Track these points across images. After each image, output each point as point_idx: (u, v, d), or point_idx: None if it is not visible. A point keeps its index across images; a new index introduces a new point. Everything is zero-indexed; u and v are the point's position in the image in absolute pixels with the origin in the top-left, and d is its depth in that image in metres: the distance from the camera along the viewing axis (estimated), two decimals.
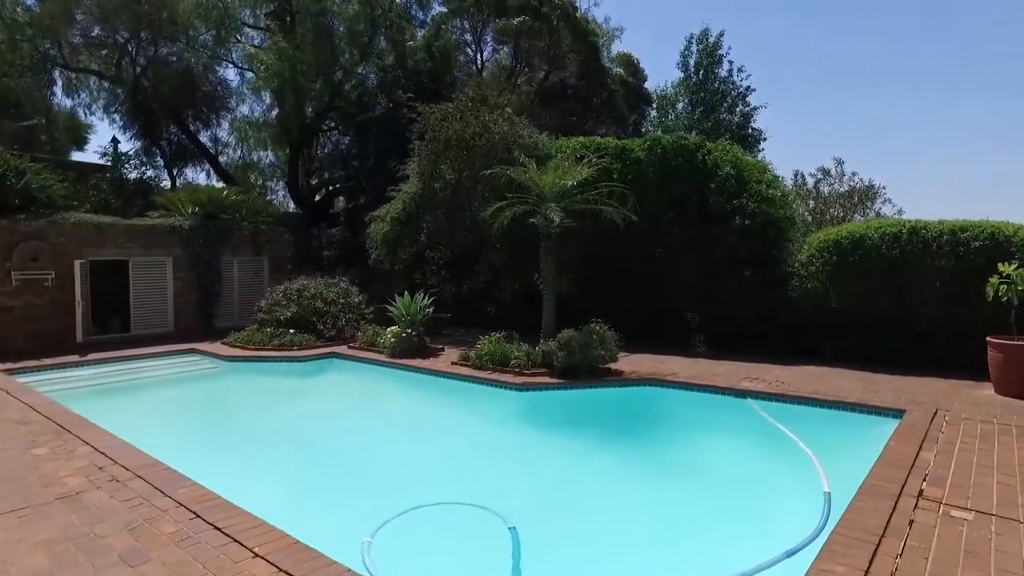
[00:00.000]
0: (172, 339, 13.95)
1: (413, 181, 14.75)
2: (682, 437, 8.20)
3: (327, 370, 12.26)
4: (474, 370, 10.83)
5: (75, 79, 21.49)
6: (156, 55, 20.35)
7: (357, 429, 8.75)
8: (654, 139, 12.62)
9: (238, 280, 15.68)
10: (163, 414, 9.71)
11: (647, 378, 10.13)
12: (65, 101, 22.86)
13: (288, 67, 17.27)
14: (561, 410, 9.55)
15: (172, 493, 5.27)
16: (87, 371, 11.28)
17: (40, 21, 18.68)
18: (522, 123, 13.86)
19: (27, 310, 12.24)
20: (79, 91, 22.60)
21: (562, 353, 10.20)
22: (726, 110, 24.16)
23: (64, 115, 23.71)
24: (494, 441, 8.26)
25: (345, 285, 14.84)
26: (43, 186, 12.68)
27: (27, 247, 12.15)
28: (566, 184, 10.51)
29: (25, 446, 6.66)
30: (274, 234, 16.62)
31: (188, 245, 14.62)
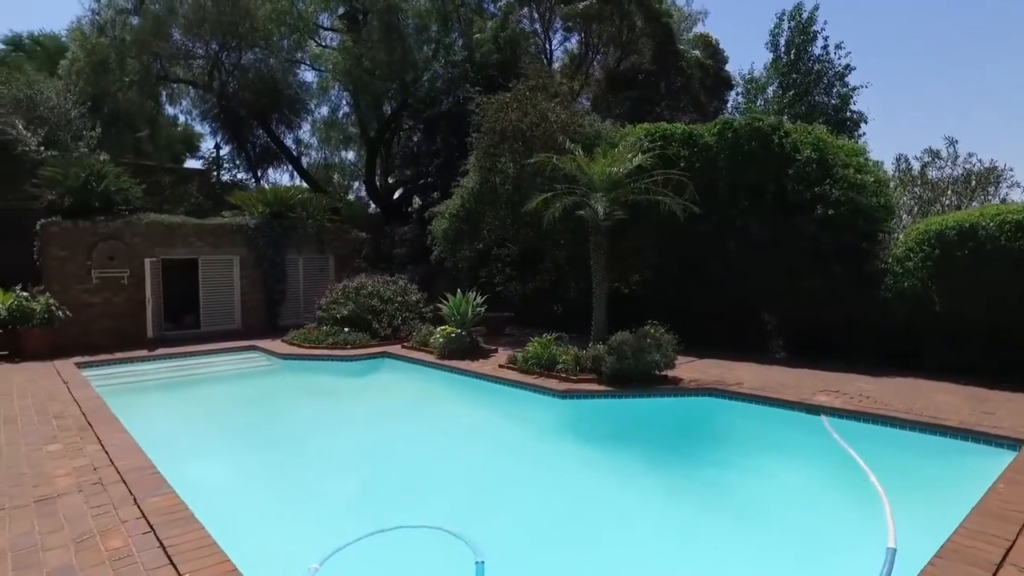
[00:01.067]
0: (238, 336, 14.28)
1: (472, 176, 14.28)
2: (736, 460, 7.10)
3: (376, 370, 12.02)
4: (520, 374, 10.15)
5: (176, 90, 22.88)
6: (241, 62, 21.22)
7: (384, 433, 8.33)
8: (724, 122, 11.37)
9: (303, 278, 15.88)
10: (207, 411, 9.78)
11: (707, 387, 9.03)
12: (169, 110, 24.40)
13: (355, 65, 17.35)
14: (604, 421, 8.67)
15: (143, 502, 5.01)
16: (149, 366, 11.68)
17: (141, 38, 19.92)
18: (582, 111, 13.00)
19: (105, 307, 12.90)
20: (180, 100, 24.04)
21: (611, 358, 9.30)
22: (822, 92, 21.80)
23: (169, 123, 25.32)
24: (523, 453, 7.54)
25: (403, 283, 14.61)
26: (121, 189, 13.32)
27: (105, 247, 12.80)
28: (616, 172, 9.58)
29: (45, 441, 6.72)
30: (339, 232, 16.73)
31: (254, 244, 14.95)
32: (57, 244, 12.45)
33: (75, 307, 12.47)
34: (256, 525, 5.47)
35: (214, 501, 5.85)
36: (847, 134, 19.76)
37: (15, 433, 7.05)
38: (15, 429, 7.21)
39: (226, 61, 21.12)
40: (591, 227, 9.94)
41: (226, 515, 5.58)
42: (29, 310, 11.59)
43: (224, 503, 5.85)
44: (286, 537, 5.26)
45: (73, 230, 12.58)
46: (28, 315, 11.58)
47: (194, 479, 6.40)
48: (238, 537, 5.16)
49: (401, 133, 22.96)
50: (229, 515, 5.57)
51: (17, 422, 7.52)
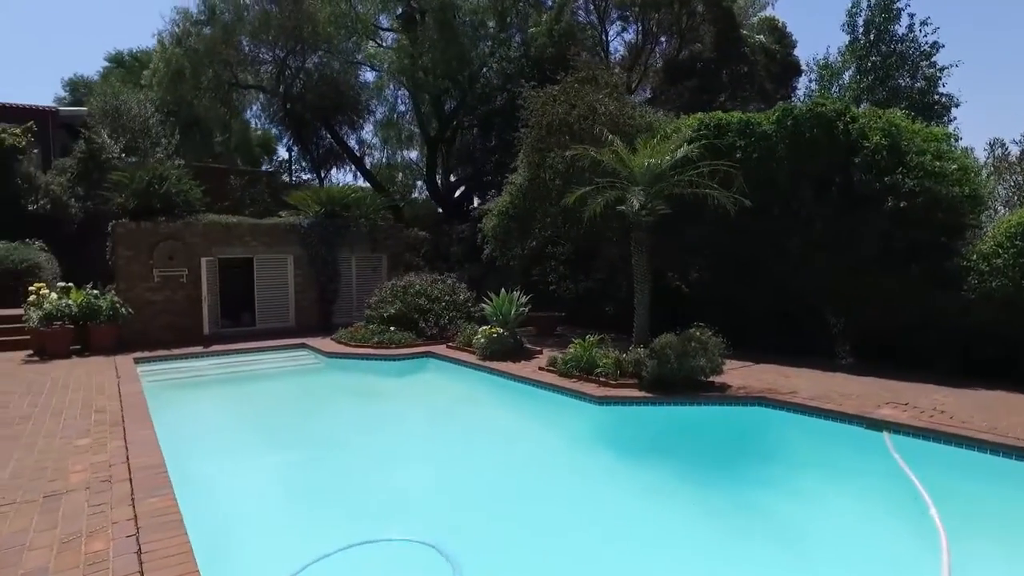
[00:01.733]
0: (292, 334, 14.52)
1: (521, 172, 13.95)
2: (782, 479, 6.41)
3: (418, 370, 11.89)
4: (558, 377, 9.73)
5: (246, 95, 23.79)
6: (304, 66, 21.80)
7: (411, 437, 8.13)
8: (783, 109, 10.49)
9: (356, 276, 16.02)
10: (245, 408, 9.91)
11: (758, 396, 8.30)
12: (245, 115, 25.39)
13: (412, 65, 17.38)
14: (642, 430, 8.12)
15: (140, 502, 4.97)
16: (201, 362, 12.02)
17: (212, 47, 20.80)
18: (633, 102, 12.39)
19: (166, 304, 13.43)
20: (251, 105, 24.98)
21: (652, 362, 8.73)
22: (906, 75, 19.88)
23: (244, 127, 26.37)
24: (552, 464, 7.09)
25: (451, 282, 14.45)
26: (181, 191, 13.84)
27: (165, 246, 13.33)
28: (657, 165, 8.97)
29: (79, 435, 6.90)
30: (392, 231, 16.80)
31: (307, 243, 15.20)
32: (123, 244, 13.07)
33: (139, 304, 13.05)
34: (258, 527, 5.35)
35: (222, 501, 5.83)
36: (935, 120, 18.01)
37: (56, 425, 7.29)
38: (57, 421, 7.46)
39: (291, 65, 21.76)
40: (632, 223, 9.38)
41: (229, 516, 5.53)
42: (96, 307, 12.19)
43: (232, 503, 5.80)
44: (284, 541, 5.10)
45: (137, 231, 13.17)
46: (96, 312, 12.18)
47: (209, 478, 6.42)
48: (232, 540, 5.09)
49: (460, 131, 22.95)
50: (233, 516, 5.51)
51: (63, 415, 7.79)
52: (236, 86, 23.09)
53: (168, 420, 8.17)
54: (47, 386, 9.46)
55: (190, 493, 5.58)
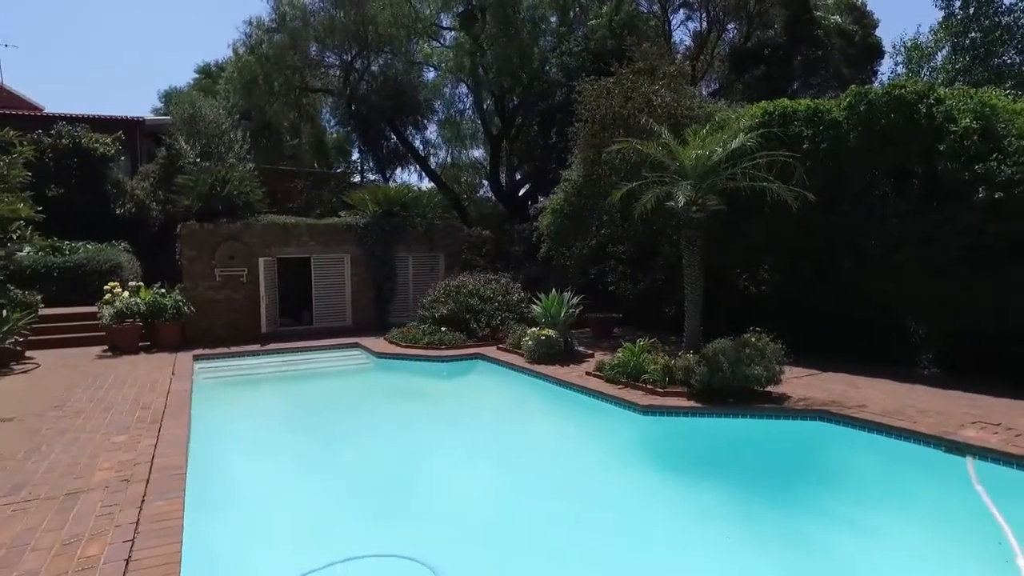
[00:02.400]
0: (348, 333, 14.68)
1: (576, 168, 13.48)
2: (839, 507, 5.67)
3: (464, 372, 11.67)
4: (604, 383, 9.24)
5: (315, 99, 24.45)
6: (368, 68, 22.14)
7: (443, 442, 7.85)
8: (855, 93, 9.51)
9: (412, 276, 16.02)
10: (286, 407, 9.99)
11: (819, 408, 7.52)
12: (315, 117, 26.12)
13: (473, 63, 17.24)
14: (688, 444, 7.53)
15: (148, 505, 4.95)
16: (256, 360, 12.29)
17: (281, 53, 21.47)
18: (692, 92, 11.69)
19: (227, 303, 13.87)
20: (321, 109, 25.66)
21: (702, 369, 8.10)
22: (1012, 51, 17.71)
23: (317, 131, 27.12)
24: (586, 479, 6.54)
25: (505, 282, 14.17)
26: (242, 193, 14.25)
27: (226, 247, 13.75)
28: (707, 156, 8.30)
29: (118, 431, 7.06)
30: (449, 230, 16.71)
31: (363, 243, 15.33)
32: (188, 245, 13.59)
33: (202, 303, 13.53)
34: (265, 535, 5.22)
35: (237, 505, 5.74)
36: None
37: (102, 421, 7.51)
38: (105, 417, 7.69)
39: (356, 68, 22.16)
40: (681, 220, 8.74)
41: (238, 521, 5.43)
42: (162, 305, 12.71)
43: (246, 508, 5.71)
44: (287, 552, 4.94)
45: (200, 231, 13.66)
46: (161, 310, 12.71)
47: (232, 479, 6.38)
48: (230, 548, 4.96)
49: (523, 129, 22.65)
50: (242, 521, 5.41)
51: (112, 410, 8.05)
52: (306, 90, 23.75)
53: (210, 418, 8.33)
54: (108, 381, 9.87)
55: (207, 495, 5.56)
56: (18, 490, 5.40)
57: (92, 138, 18.57)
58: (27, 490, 5.39)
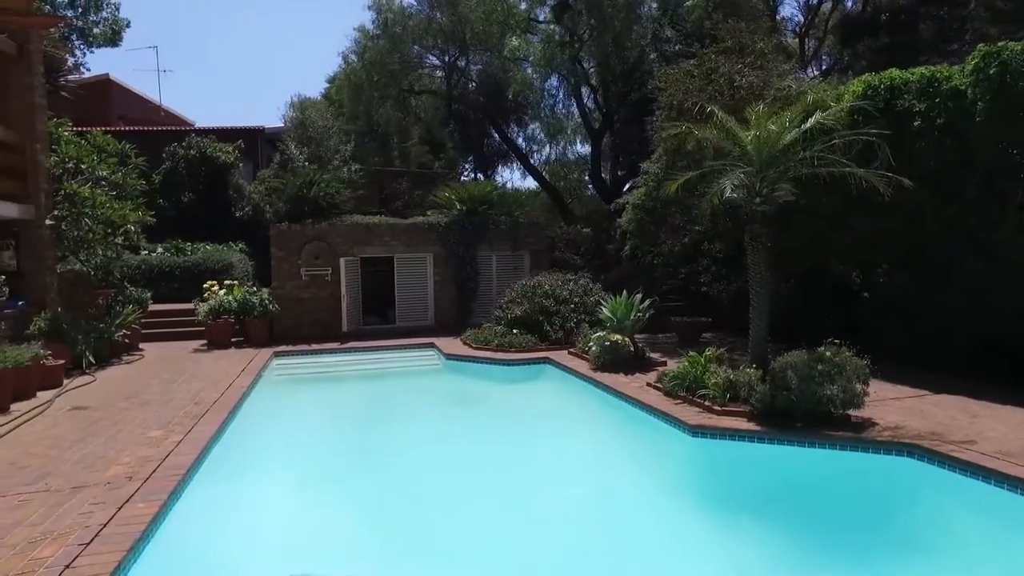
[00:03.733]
0: (430, 332, 14.67)
1: (656, 159, 12.47)
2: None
3: (528, 378, 11.16)
4: (662, 397, 8.35)
5: (420, 100, 25.01)
6: (466, 67, 22.21)
7: (470, 456, 7.34)
8: (984, 54, 7.75)
9: (496, 275, 15.72)
10: (338, 407, 10.04)
11: (908, 442, 6.18)
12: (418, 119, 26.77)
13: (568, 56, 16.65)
14: (735, 476, 6.51)
15: (128, 506, 4.99)
16: (331, 358, 12.57)
17: (382, 58, 22.15)
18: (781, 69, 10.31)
19: (313, 301, 14.39)
20: (425, 109, 26.22)
21: (762, 387, 7.00)
22: None
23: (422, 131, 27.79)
24: (609, 510, 5.72)
25: (585, 282, 13.46)
26: (328, 194, 14.72)
27: (311, 247, 14.27)
28: (772, 139, 7.09)
29: (158, 426, 7.35)
30: (533, 228, 16.24)
31: (445, 242, 15.26)
32: (277, 245, 14.27)
33: (290, 301, 14.15)
34: (239, 542, 5.07)
35: (223, 509, 5.63)
36: None
37: (152, 415, 7.87)
38: (157, 411, 8.07)
39: (455, 67, 22.36)
40: (745, 214, 7.59)
41: (224, 527, 5.34)
42: (251, 303, 13.42)
43: (241, 514, 5.63)
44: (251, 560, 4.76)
45: (287, 232, 14.29)
46: (251, 308, 13.42)
47: (234, 482, 6.25)
48: (190, 554, 4.81)
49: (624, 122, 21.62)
50: (217, 527, 5.28)
51: (169, 403, 8.46)
52: (412, 92, 24.33)
53: (257, 416, 8.54)
54: (186, 374, 10.49)
55: (198, 498, 5.55)
56: (41, 479, 5.70)
57: (216, 147, 20.21)
58: (47, 480, 5.67)
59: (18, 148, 10.88)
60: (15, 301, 10.55)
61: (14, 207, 10.59)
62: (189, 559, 4.74)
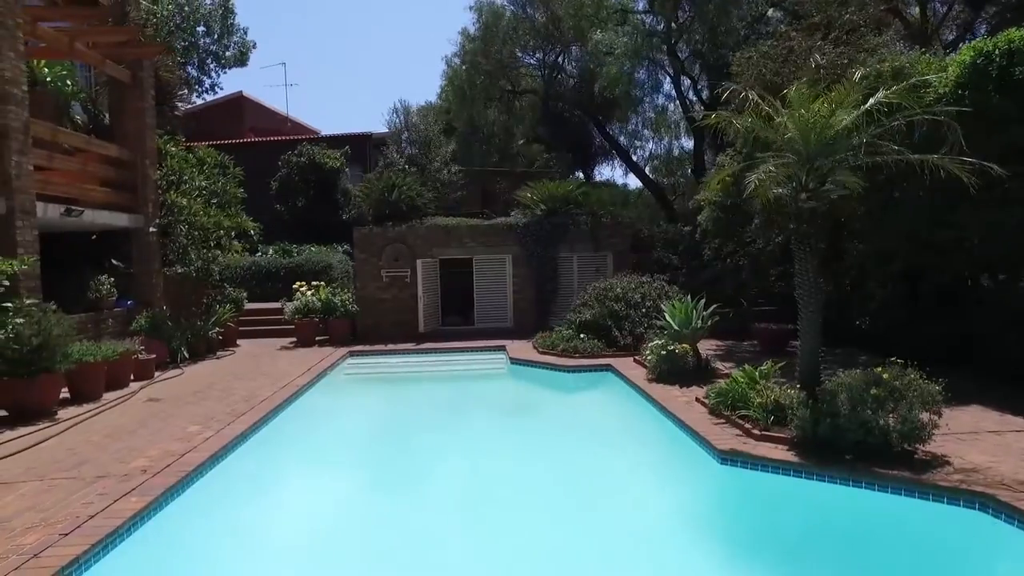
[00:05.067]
0: (509, 334, 14.55)
1: (736, 153, 11.39)
2: None
3: (587, 386, 10.69)
4: (706, 414, 7.59)
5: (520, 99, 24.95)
6: (562, 63, 21.82)
7: (492, 471, 6.92)
8: None
9: (577, 277, 15.26)
10: (390, 410, 10.12)
11: (984, 491, 5.04)
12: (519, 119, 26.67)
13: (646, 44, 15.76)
14: (763, 514, 5.68)
15: (126, 500, 5.25)
16: (400, 359, 12.86)
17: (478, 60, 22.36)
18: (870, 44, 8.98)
19: (393, 302, 14.81)
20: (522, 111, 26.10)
21: (803, 411, 6.08)
22: None
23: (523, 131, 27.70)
24: (612, 551, 5.00)
25: (659, 284, 12.65)
26: (409, 196, 15.06)
27: (391, 249, 14.69)
28: (822, 125, 6.06)
29: (202, 420, 7.84)
30: (617, 228, 15.55)
31: (524, 243, 15.06)
32: (359, 248, 14.86)
33: (371, 302, 14.68)
34: (218, 546, 5.20)
35: (216, 510, 5.76)
36: None
37: (204, 410, 8.39)
38: (209, 406, 8.61)
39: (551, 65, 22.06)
40: (792, 213, 6.60)
41: (197, 527, 5.38)
42: (334, 304, 14.08)
43: (233, 514, 5.76)
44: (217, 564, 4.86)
45: (369, 235, 14.82)
46: (333, 308, 14.09)
47: (240, 485, 6.35)
48: (158, 553, 4.91)
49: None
50: (212, 527, 5.42)
51: (225, 399, 9.00)
52: (515, 92, 24.34)
53: (302, 416, 8.85)
54: (260, 370, 11.20)
55: (198, 497, 5.78)
56: (78, 467, 6.25)
57: (325, 154, 21.51)
58: (81, 468, 6.20)
59: (130, 164, 12.18)
60: (124, 301, 11.84)
61: (124, 217, 11.89)
62: (162, 558, 4.89)
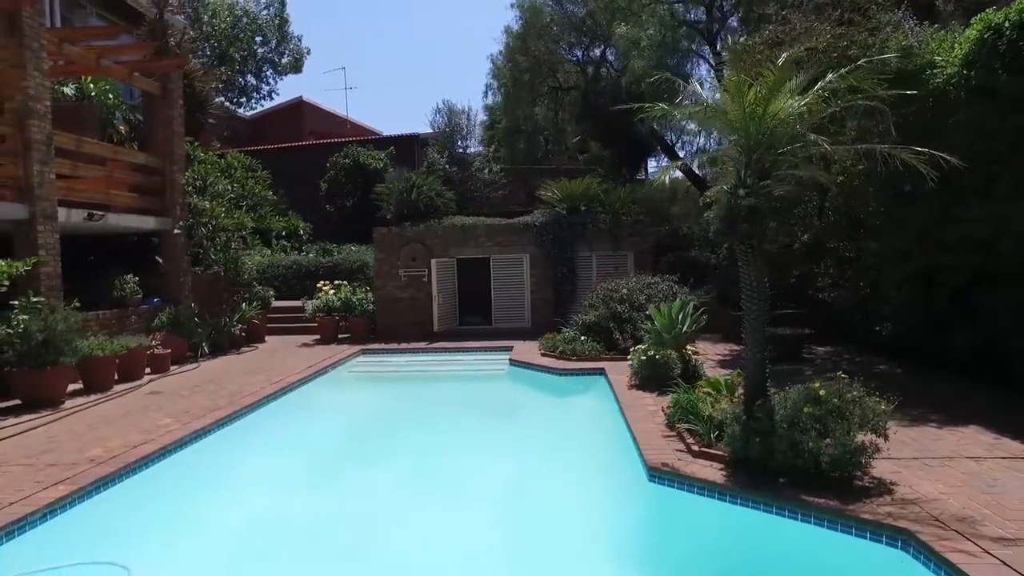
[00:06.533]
0: (526, 334, 14.36)
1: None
2: None
3: (572, 391, 10.43)
4: (662, 426, 7.21)
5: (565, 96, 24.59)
6: (602, 58, 21.29)
7: (441, 472, 6.83)
8: None
9: (596, 277, 14.84)
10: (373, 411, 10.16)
11: (906, 526, 4.47)
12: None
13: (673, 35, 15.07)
14: (678, 542, 5.27)
15: (54, 488, 5.56)
16: (406, 358, 13.00)
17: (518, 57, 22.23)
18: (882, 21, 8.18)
19: (411, 302, 14.99)
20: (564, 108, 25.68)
21: (733, 427, 5.63)
22: None
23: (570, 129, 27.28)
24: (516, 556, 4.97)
25: (668, 286, 12.12)
26: (428, 197, 15.18)
27: (408, 249, 14.87)
28: (772, 113, 5.51)
29: (176, 415, 8.16)
30: (638, 227, 15.00)
31: (541, 242, 14.83)
32: (378, 247, 15.13)
33: (390, 301, 14.93)
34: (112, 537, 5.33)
35: (153, 503, 5.96)
36: None
37: (188, 404, 8.72)
38: (195, 400, 8.98)
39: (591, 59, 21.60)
40: (735, 214, 6.05)
41: (112, 519, 5.53)
42: (352, 302, 14.44)
43: (159, 510, 5.91)
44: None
45: (388, 235, 15.06)
46: (352, 306, 14.45)
47: (178, 480, 6.48)
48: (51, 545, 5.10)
49: None
50: (108, 519, 5.52)
51: (213, 395, 9.36)
52: (559, 89, 24.02)
53: (281, 413, 9.10)
54: (269, 366, 11.62)
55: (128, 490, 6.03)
56: (41, 455, 6.61)
57: (369, 155, 22.08)
58: (43, 456, 6.58)
59: (159, 171, 12.98)
60: (151, 299, 12.64)
61: (152, 220, 12.68)
62: (70, 543, 5.11)
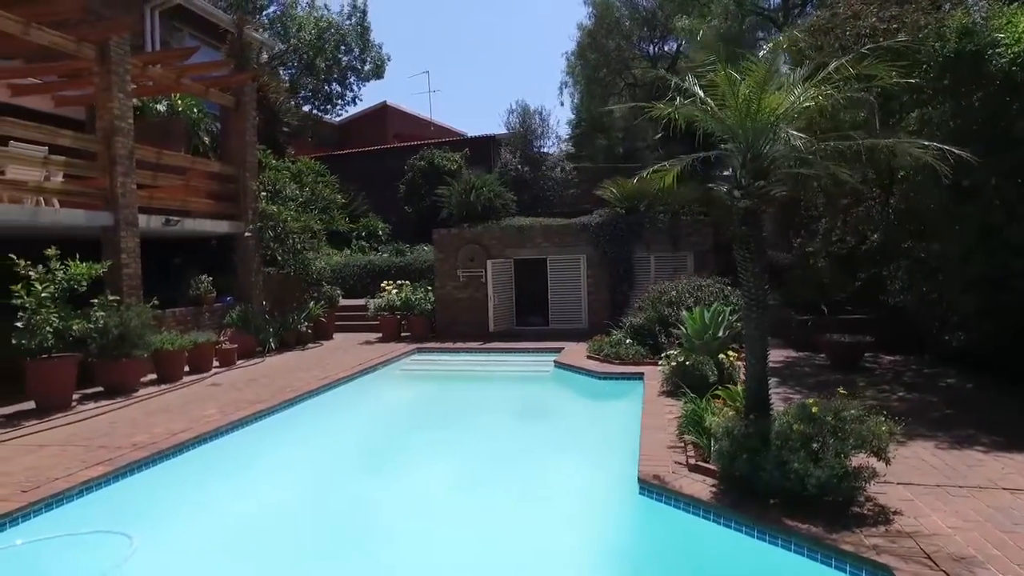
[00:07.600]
0: (582, 335, 14.11)
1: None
2: None
3: (610, 395, 10.18)
4: (672, 435, 6.94)
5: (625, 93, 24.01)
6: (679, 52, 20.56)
7: (448, 478, 7.05)
8: None
9: (655, 278, 14.38)
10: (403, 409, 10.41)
11: (886, 561, 4.06)
12: None
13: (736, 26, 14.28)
14: (654, 563, 5.04)
15: (92, 468, 6.18)
16: (458, 357, 13.25)
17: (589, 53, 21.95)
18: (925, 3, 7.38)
19: (469, 302, 15.21)
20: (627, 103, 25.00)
21: (722, 443, 5.32)
22: None
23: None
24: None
25: (719, 288, 11.56)
26: (488, 198, 15.32)
27: (466, 250, 15.09)
28: (757, 107, 5.08)
29: (221, 406, 8.82)
30: (697, 226, 14.36)
31: (597, 242, 14.59)
32: (438, 248, 15.47)
33: (448, 301, 15.24)
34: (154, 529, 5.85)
35: (179, 488, 6.46)
36: None
37: (239, 396, 9.35)
38: (249, 392, 9.64)
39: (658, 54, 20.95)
40: (736, 216, 5.62)
41: (104, 509, 5.83)
42: (412, 301, 14.89)
43: (183, 495, 6.39)
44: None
45: (447, 236, 15.35)
46: (412, 305, 14.89)
47: (183, 475, 6.74)
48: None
49: None
50: (101, 510, 5.83)
51: (266, 388, 9.96)
52: (634, 85, 23.49)
53: (317, 409, 9.53)
54: (323, 363, 12.23)
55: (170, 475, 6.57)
56: (99, 438, 7.34)
57: (443, 157, 22.60)
58: (98, 439, 7.26)
59: (233, 178, 14.00)
60: (224, 297, 13.66)
61: (226, 224, 13.71)
62: (95, 517, 5.62)
